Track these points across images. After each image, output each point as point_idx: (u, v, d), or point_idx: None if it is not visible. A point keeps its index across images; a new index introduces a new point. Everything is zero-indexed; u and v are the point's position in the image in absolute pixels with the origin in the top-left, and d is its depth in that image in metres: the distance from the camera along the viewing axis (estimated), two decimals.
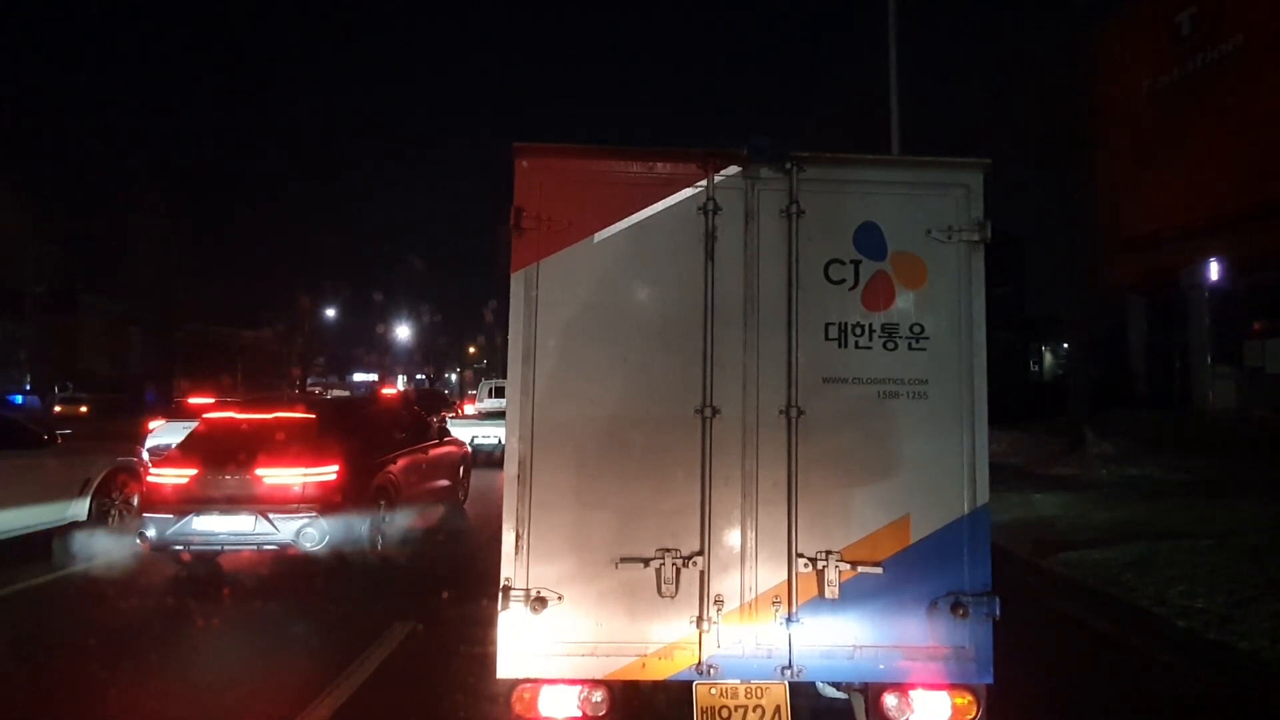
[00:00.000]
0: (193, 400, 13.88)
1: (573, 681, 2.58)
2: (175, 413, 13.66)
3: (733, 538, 2.59)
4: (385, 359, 58.77)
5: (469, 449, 11.31)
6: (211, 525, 6.38)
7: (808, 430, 2.60)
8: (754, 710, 2.59)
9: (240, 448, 6.69)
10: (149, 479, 6.90)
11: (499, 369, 43.59)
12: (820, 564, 2.55)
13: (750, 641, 2.56)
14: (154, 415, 14.48)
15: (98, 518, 8.31)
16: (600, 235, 2.65)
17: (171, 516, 6.38)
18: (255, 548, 6.50)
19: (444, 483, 9.38)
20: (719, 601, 2.56)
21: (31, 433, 8.30)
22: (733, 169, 2.68)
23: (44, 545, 7.66)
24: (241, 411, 7.53)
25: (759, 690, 2.61)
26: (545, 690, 2.60)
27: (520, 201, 2.64)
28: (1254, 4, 15.11)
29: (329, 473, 6.62)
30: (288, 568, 6.88)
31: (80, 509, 8.15)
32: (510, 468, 2.58)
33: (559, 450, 2.59)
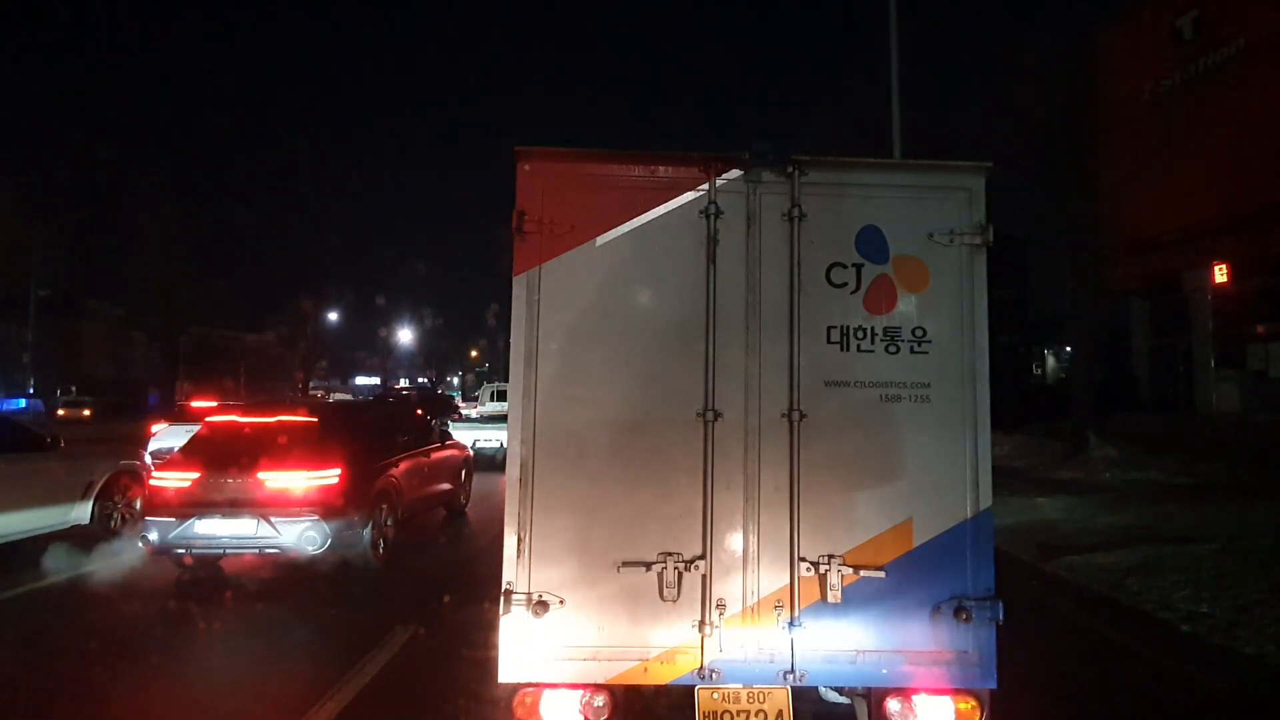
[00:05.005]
0: (197, 404, 13.88)
1: (574, 686, 2.57)
2: (178, 416, 13.70)
3: (735, 541, 2.58)
4: (388, 362, 58.83)
5: (470, 452, 11.31)
6: (214, 528, 6.38)
7: (810, 434, 2.59)
8: (756, 715, 2.58)
9: (242, 451, 6.70)
10: (151, 482, 6.91)
11: (501, 372, 43.59)
12: (823, 568, 2.54)
13: (752, 646, 2.55)
14: (157, 419, 14.50)
15: (100, 521, 8.31)
16: (602, 239, 2.65)
17: (174, 520, 6.39)
18: (257, 551, 6.50)
19: (446, 486, 9.38)
20: (721, 606, 2.55)
21: (34, 436, 8.32)
22: (734, 172, 2.68)
23: (47, 548, 7.66)
24: (244, 415, 7.55)
25: (761, 695, 2.59)
26: (547, 695, 2.59)
27: (522, 205, 2.64)
28: (1255, 7, 15.10)
29: (331, 476, 6.62)
30: (289, 571, 6.87)
31: (83, 512, 8.15)
32: (512, 471, 2.58)
33: (561, 454, 2.59)
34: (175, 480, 6.58)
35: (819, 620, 2.55)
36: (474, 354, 64.05)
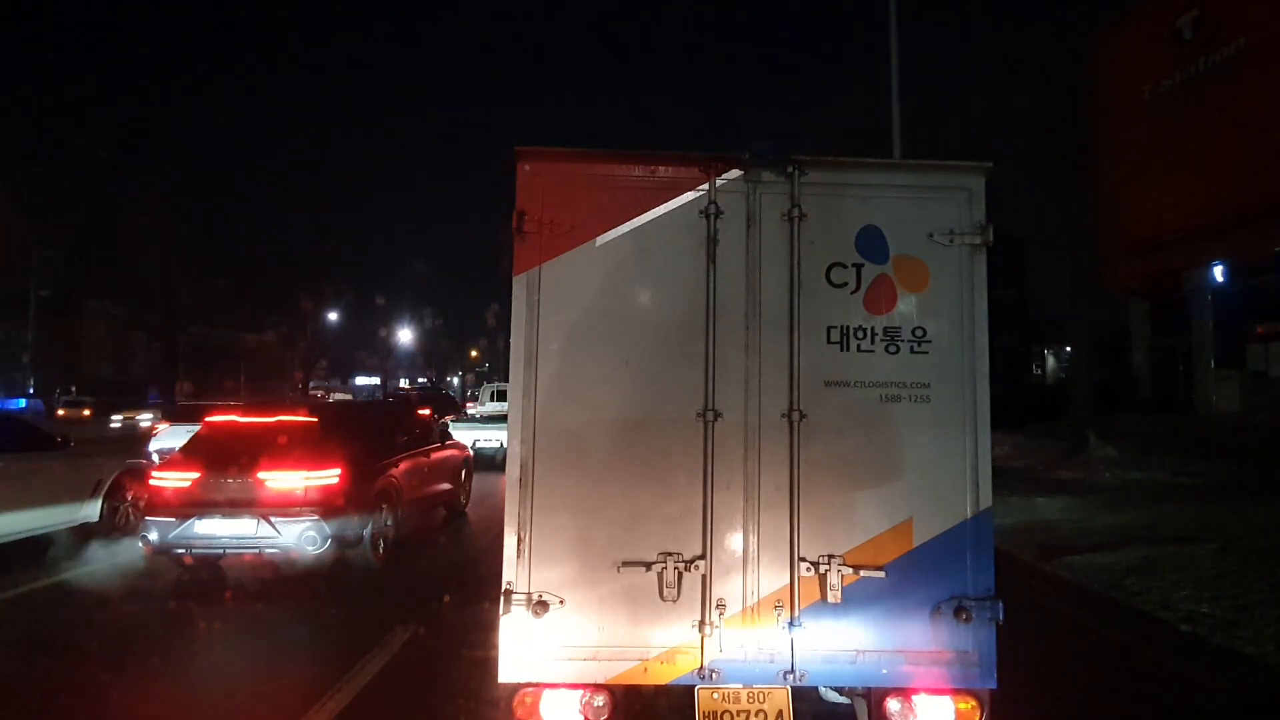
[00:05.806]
0: (185, 404, 13.91)
1: (574, 686, 2.57)
2: (178, 415, 13.73)
3: (735, 541, 2.58)
4: (388, 362, 58.81)
5: (470, 452, 11.31)
6: (214, 529, 6.38)
7: (810, 434, 2.59)
8: (756, 715, 2.58)
9: (243, 451, 6.70)
10: (151, 482, 6.92)
11: (501, 372, 43.57)
12: (823, 568, 2.55)
13: (752, 646, 2.55)
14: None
15: (108, 519, 8.43)
16: (602, 239, 2.65)
17: (174, 520, 6.39)
18: (257, 551, 6.50)
19: (446, 486, 9.38)
20: (721, 606, 2.55)
21: (46, 436, 8.45)
22: (734, 172, 2.68)
23: (56, 545, 7.80)
24: (243, 415, 7.55)
25: (761, 695, 2.60)
26: (547, 695, 2.59)
27: (522, 205, 2.64)
28: (1255, 7, 15.09)
29: (331, 476, 6.62)
30: (290, 571, 6.87)
31: (92, 510, 8.26)
32: (512, 471, 2.58)
33: (561, 454, 2.59)
34: (175, 480, 6.58)
35: (819, 620, 2.55)
36: (474, 354, 64.00)
